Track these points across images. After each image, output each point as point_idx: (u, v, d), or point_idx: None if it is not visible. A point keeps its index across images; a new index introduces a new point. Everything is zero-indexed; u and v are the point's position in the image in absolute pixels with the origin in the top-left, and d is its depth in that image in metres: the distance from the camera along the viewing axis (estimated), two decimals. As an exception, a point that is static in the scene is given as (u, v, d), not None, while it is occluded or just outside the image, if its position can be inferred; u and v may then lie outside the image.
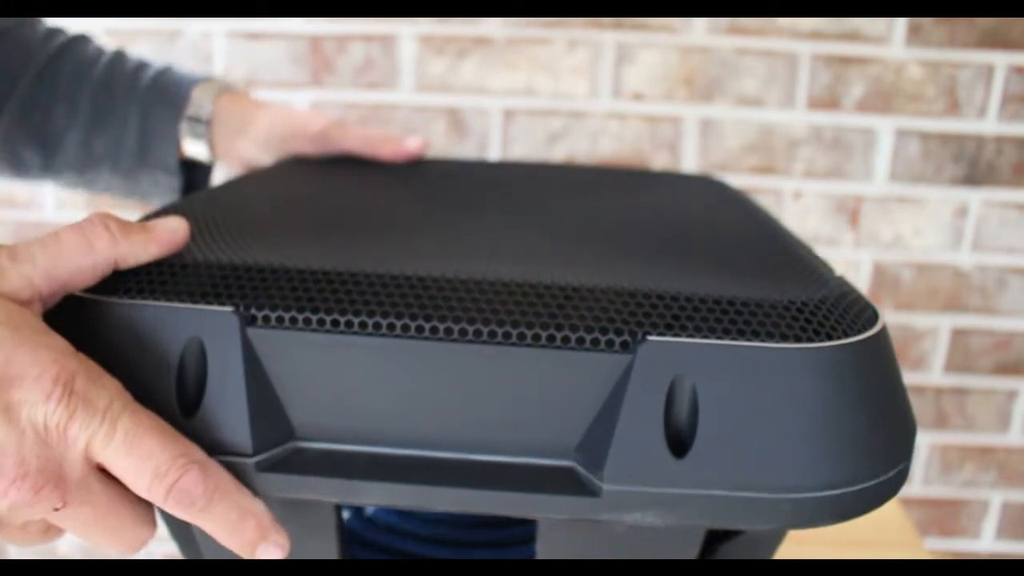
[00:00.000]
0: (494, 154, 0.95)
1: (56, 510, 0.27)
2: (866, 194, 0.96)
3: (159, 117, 0.55)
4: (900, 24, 0.93)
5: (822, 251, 0.95)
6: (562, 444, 0.31)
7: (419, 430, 0.31)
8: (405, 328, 0.31)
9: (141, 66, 0.57)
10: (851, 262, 0.98)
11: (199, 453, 0.29)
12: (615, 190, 0.57)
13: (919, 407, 1.02)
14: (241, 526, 0.29)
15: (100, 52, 0.58)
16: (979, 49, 0.93)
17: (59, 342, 0.28)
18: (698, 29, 0.93)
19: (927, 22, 0.92)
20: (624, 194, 0.56)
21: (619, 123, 0.95)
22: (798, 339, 0.31)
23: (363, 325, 0.31)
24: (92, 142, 0.56)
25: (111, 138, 0.56)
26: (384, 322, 0.31)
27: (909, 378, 1.01)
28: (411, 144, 0.57)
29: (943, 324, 1.00)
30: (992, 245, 0.98)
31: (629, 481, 0.29)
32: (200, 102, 0.55)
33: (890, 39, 0.93)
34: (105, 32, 0.95)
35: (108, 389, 0.28)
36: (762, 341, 0.30)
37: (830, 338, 0.31)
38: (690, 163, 0.95)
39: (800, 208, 0.97)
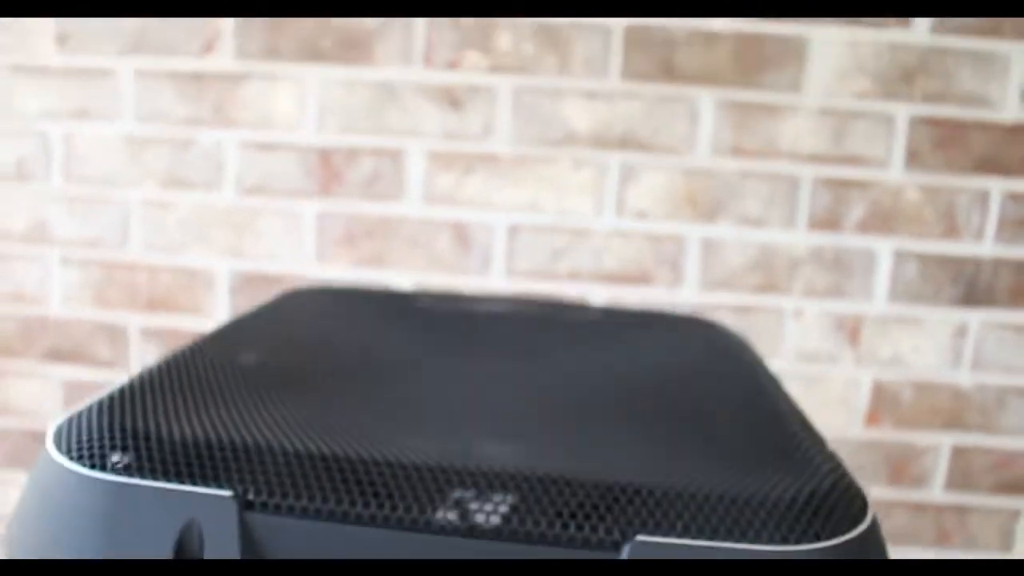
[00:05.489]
0: (498, 268, 0.97)
1: None
2: (866, 313, 0.97)
3: None
4: (899, 149, 0.94)
5: (822, 369, 0.96)
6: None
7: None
8: (400, 521, 0.31)
9: None
10: (851, 380, 0.99)
11: None
12: (606, 341, 0.57)
13: (920, 525, 1.02)
14: None
15: None
16: (975, 175, 0.95)
17: None
18: (702, 151, 0.94)
19: (925, 149, 0.94)
20: (615, 347, 0.56)
21: (622, 241, 0.96)
22: (784, 540, 0.31)
23: (359, 517, 0.31)
24: None
25: None
26: (380, 514, 0.31)
27: (910, 495, 1.01)
28: None
29: (944, 442, 1.00)
30: (991, 364, 0.98)
31: None
32: None
33: (889, 163, 0.95)
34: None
35: None
36: (749, 543, 0.31)
37: (818, 539, 0.31)
38: (692, 280, 0.96)
39: (801, 326, 0.98)
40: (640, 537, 0.30)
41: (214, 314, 1.01)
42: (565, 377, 0.49)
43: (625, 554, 0.30)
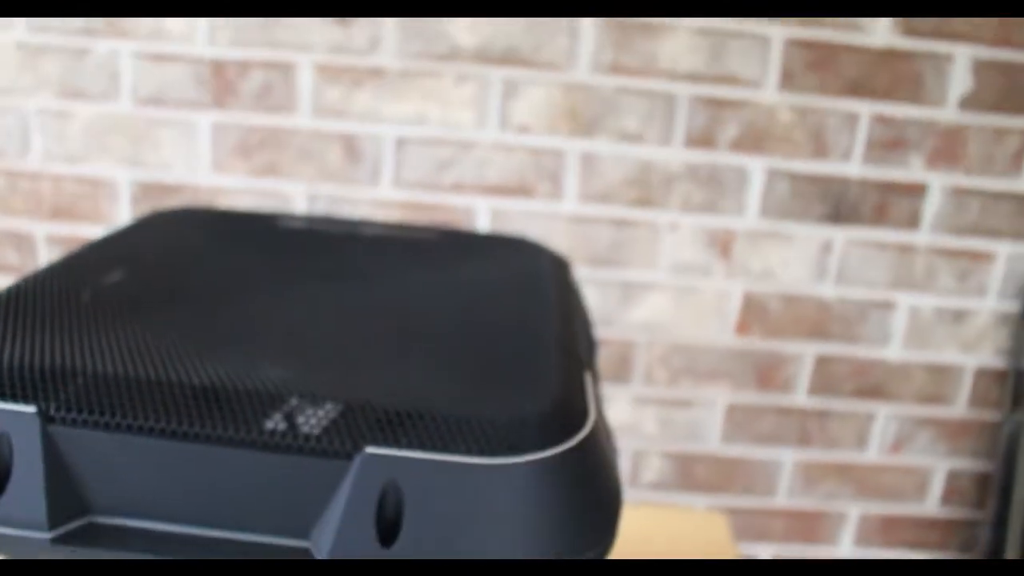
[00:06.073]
0: (387, 179, 1.00)
1: None
2: (738, 228, 1.03)
3: None
4: (773, 71, 0.98)
5: (696, 281, 1.01)
6: (300, 529, 0.37)
7: (190, 513, 0.37)
8: (173, 433, 0.37)
9: None
10: (723, 291, 1.05)
11: None
12: (436, 266, 0.61)
13: (784, 427, 1.09)
14: None
15: None
16: (845, 97, 0.99)
17: None
18: (582, 68, 0.97)
19: (798, 70, 0.98)
20: (441, 271, 0.60)
21: (505, 154, 1.00)
22: (495, 453, 0.37)
23: (140, 428, 0.37)
24: None
25: None
26: (157, 426, 0.37)
27: (776, 400, 1.09)
28: None
29: (808, 351, 1.07)
30: (854, 279, 1.05)
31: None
32: None
33: (763, 84, 0.99)
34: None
35: None
36: (462, 455, 0.36)
37: (524, 452, 0.37)
38: (571, 193, 1.01)
39: (675, 240, 1.03)
40: (368, 449, 0.36)
41: (118, 223, 1.04)
42: (382, 301, 0.53)
43: (356, 463, 0.36)
